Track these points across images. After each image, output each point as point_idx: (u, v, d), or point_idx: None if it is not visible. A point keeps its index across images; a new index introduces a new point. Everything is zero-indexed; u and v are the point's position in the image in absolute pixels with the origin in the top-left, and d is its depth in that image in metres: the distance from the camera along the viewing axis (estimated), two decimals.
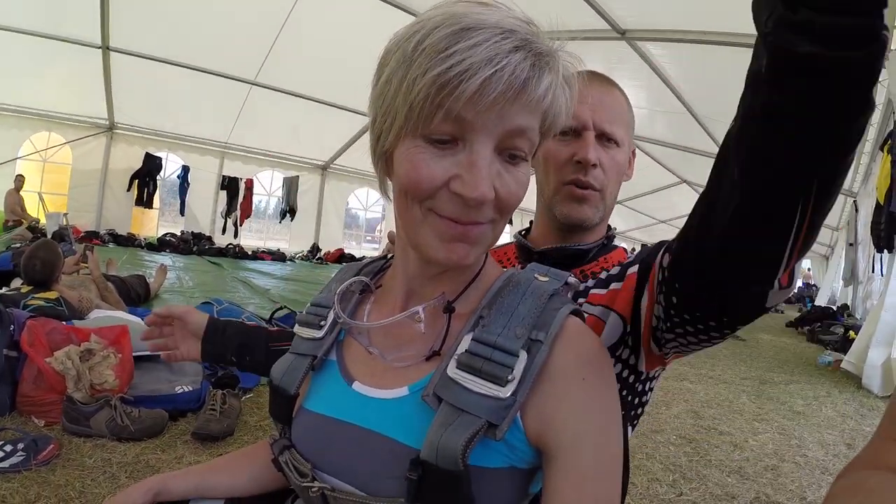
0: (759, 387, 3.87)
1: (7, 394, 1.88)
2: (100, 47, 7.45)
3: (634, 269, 0.85)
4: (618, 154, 0.94)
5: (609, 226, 1.01)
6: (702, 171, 11.37)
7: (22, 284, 2.86)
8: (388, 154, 0.59)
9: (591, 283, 0.91)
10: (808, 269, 20.43)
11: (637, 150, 1.06)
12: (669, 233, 18.32)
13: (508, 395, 0.53)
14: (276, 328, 1.07)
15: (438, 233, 0.56)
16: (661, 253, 0.76)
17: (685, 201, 15.77)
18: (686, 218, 0.66)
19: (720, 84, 6.44)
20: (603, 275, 0.91)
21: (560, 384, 0.56)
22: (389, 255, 0.76)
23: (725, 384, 3.83)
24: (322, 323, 0.70)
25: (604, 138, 0.92)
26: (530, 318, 0.58)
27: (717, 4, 4.64)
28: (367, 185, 13.55)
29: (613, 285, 0.87)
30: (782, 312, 12.66)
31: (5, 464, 1.52)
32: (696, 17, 4.92)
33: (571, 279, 0.65)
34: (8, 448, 1.57)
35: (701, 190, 0.65)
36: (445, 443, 0.52)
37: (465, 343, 0.58)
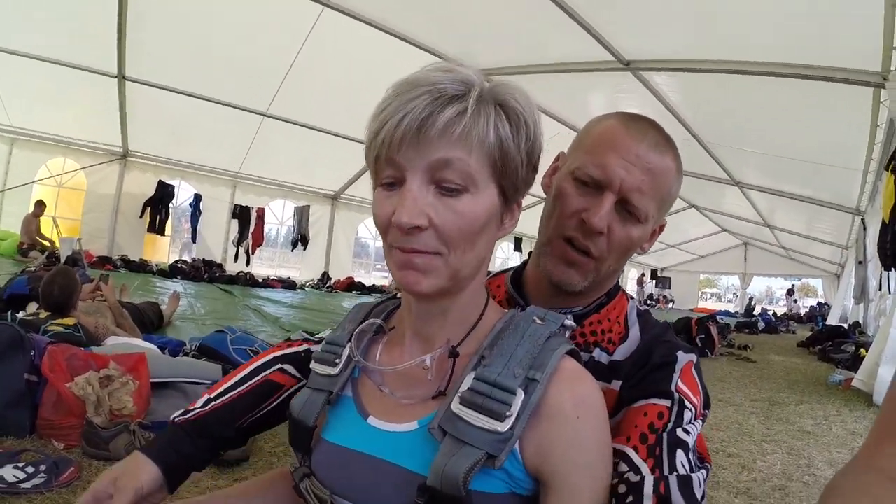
0: (769, 408, 3.85)
1: (27, 417, 1.93)
2: (116, 76, 7.68)
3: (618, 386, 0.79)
4: (634, 230, 0.82)
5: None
6: (709, 196, 11.52)
7: (38, 309, 2.95)
8: None
9: (597, 353, 0.84)
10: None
11: None
12: (680, 256, 18.42)
13: (506, 429, 0.59)
14: (219, 397, 0.88)
15: (395, 262, 0.63)
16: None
17: (694, 226, 15.92)
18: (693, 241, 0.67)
19: (723, 111, 6.59)
20: (597, 354, 0.83)
21: (556, 421, 0.62)
22: (398, 293, 0.81)
23: (735, 406, 3.82)
24: (337, 361, 0.76)
25: (626, 208, 0.81)
26: (528, 358, 0.63)
27: (717, 35, 4.76)
28: None
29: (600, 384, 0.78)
30: (794, 333, 12.56)
31: (27, 485, 1.56)
32: (697, 47, 5.06)
33: (568, 322, 0.70)
34: (30, 470, 1.62)
35: (708, 213, 0.66)
36: (449, 471, 0.58)
37: (468, 381, 0.64)
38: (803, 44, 4.39)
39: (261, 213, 11.91)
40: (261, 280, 10.50)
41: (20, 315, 2.84)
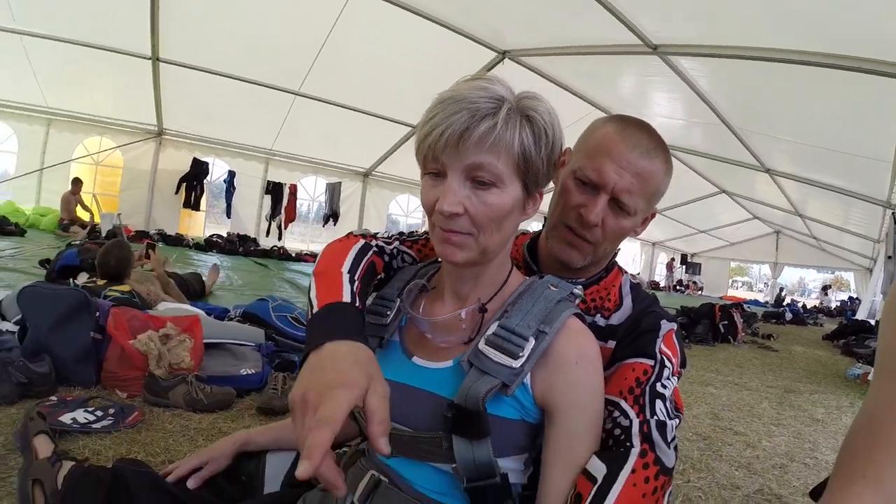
0: (783, 395, 3.93)
1: (93, 370, 2.15)
2: (150, 58, 7.91)
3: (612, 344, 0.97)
4: (625, 221, 0.98)
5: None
6: (739, 182, 11.36)
7: (89, 278, 3.21)
8: None
9: (597, 319, 1.01)
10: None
11: (675, 161, 1.13)
12: (710, 242, 17.99)
13: (518, 365, 0.77)
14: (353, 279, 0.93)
15: (437, 237, 0.81)
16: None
17: (724, 211, 15.67)
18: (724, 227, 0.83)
19: (752, 96, 6.51)
20: (598, 319, 1.01)
21: (560, 365, 0.80)
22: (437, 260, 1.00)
23: (749, 391, 3.91)
24: (388, 312, 0.93)
25: (617, 204, 0.96)
26: (541, 315, 0.82)
27: (743, 20, 4.73)
28: (408, 191, 13.91)
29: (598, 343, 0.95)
30: (822, 325, 12.41)
31: (97, 425, 1.76)
32: (724, 33, 5.04)
33: (576, 290, 0.89)
34: (99, 413, 1.83)
35: (739, 199, 0.80)
36: (472, 392, 0.77)
37: (493, 328, 0.82)
38: (837, 32, 4.35)
39: (293, 190, 12.14)
40: (294, 254, 10.75)
41: (79, 282, 3.10)
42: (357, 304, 0.86)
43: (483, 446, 0.78)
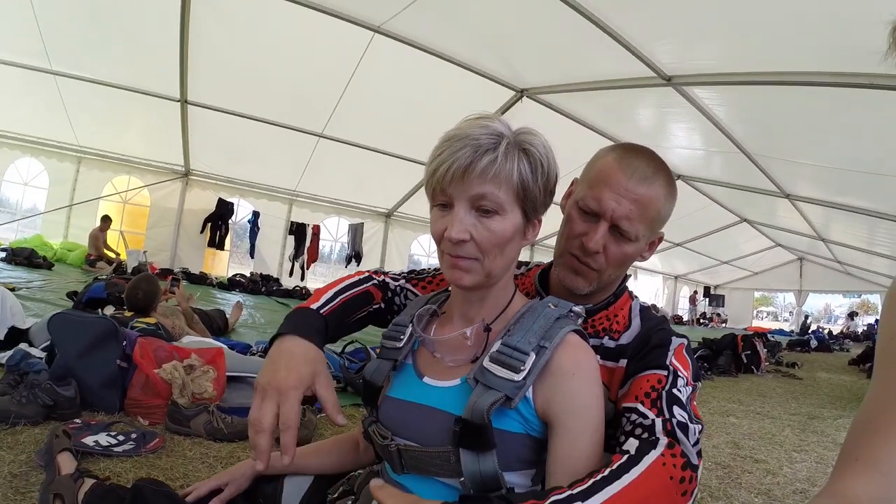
0: (806, 421, 3.85)
1: (117, 397, 2.22)
2: (178, 101, 8.14)
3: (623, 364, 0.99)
4: (627, 247, 1.02)
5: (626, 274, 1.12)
6: (760, 209, 11.26)
7: (116, 311, 3.33)
8: None
9: (606, 340, 1.03)
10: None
11: (694, 192, 1.15)
12: (733, 273, 17.48)
13: (520, 379, 0.83)
14: (335, 298, 1.12)
15: (446, 263, 0.90)
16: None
17: (746, 240, 15.45)
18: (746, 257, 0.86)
19: (769, 122, 6.47)
20: (606, 341, 1.03)
21: (558, 377, 0.85)
22: (449, 289, 1.09)
23: (772, 419, 3.84)
24: (401, 336, 1.00)
25: (618, 231, 1.00)
26: (541, 331, 0.87)
27: (755, 47, 4.73)
28: (429, 232, 13.93)
29: (610, 363, 1.01)
30: (848, 351, 12.08)
31: (119, 449, 1.81)
32: (737, 60, 5.05)
33: (576, 308, 0.95)
34: (121, 437, 1.88)
35: (760, 227, 0.83)
36: (477, 406, 0.83)
37: (497, 346, 0.88)
38: (850, 51, 4.26)
39: (316, 230, 12.26)
40: None
41: (107, 313, 3.22)
42: (323, 312, 1.04)
43: (489, 458, 0.82)
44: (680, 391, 0.90)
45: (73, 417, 2.01)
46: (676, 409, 0.87)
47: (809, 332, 16.63)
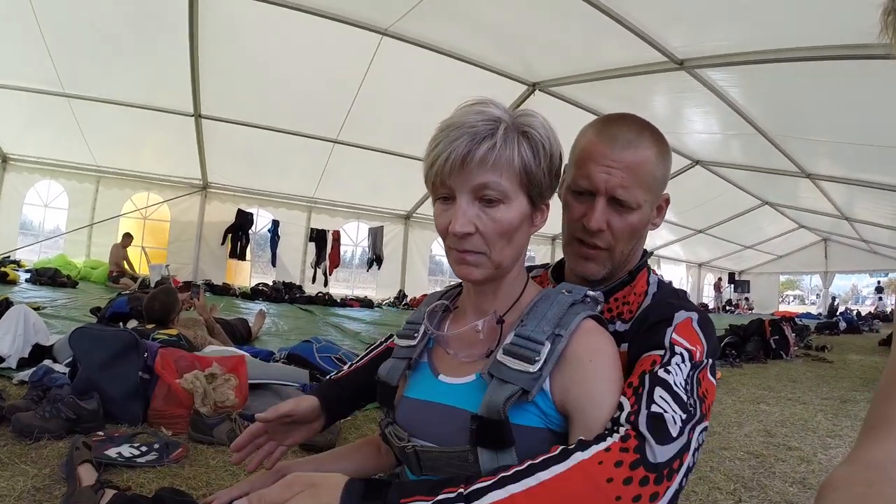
0: (839, 405, 3.75)
1: (140, 408, 2.23)
2: (192, 115, 8.27)
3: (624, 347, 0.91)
4: (631, 216, 0.97)
5: (645, 250, 1.08)
6: (781, 191, 11.05)
7: (139, 324, 3.37)
8: None
9: (618, 325, 0.98)
10: None
11: (714, 177, 1.07)
12: (757, 258, 17.20)
13: (536, 370, 0.78)
14: (357, 362, 1.22)
15: (453, 259, 0.86)
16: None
17: (769, 223, 15.18)
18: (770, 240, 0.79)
19: (785, 100, 6.36)
20: (619, 325, 0.98)
21: (574, 364, 0.80)
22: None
23: (804, 405, 3.75)
24: (415, 335, 0.97)
25: (617, 202, 0.96)
26: (555, 319, 0.83)
27: (766, 24, 4.66)
28: None
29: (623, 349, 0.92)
30: (878, 332, 11.81)
31: (142, 460, 1.82)
32: (748, 39, 4.98)
33: (590, 293, 0.90)
34: (144, 448, 1.89)
35: (782, 209, 0.72)
36: (493, 402, 0.78)
37: (510, 338, 0.83)
38: (867, 23, 4.20)
39: (336, 236, 12.33)
40: (339, 300, 10.83)
41: (129, 327, 3.26)
42: (332, 378, 1.17)
43: (508, 456, 0.77)
44: (671, 371, 0.79)
45: (97, 430, 2.02)
46: (658, 392, 0.75)
47: (837, 314, 16.30)
